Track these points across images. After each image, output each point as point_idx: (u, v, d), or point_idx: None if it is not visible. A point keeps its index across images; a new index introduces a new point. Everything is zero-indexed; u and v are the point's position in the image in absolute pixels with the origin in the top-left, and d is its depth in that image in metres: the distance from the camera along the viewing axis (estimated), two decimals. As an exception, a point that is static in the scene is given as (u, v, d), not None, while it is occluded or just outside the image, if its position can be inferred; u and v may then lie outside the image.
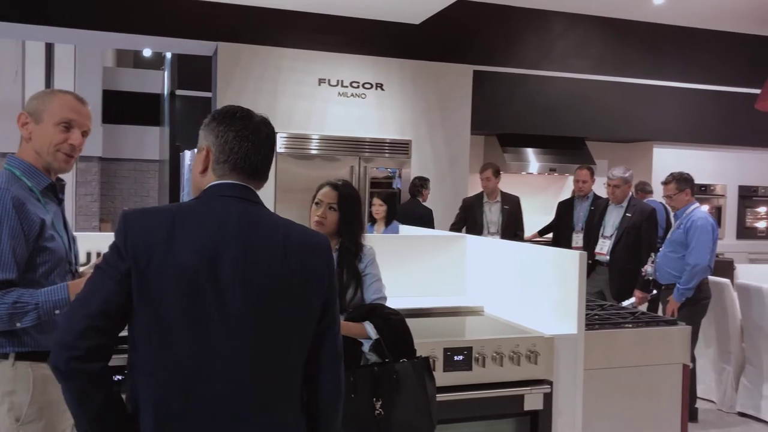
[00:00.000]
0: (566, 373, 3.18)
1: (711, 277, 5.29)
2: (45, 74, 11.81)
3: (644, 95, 8.89)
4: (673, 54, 8.54)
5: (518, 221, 6.83)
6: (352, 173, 7.41)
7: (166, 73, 12.48)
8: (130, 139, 13.54)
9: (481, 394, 2.99)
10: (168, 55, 11.79)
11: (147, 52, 13.24)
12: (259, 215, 1.69)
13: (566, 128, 8.73)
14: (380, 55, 7.53)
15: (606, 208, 5.86)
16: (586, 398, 3.24)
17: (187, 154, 10.01)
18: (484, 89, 8.07)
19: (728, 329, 5.50)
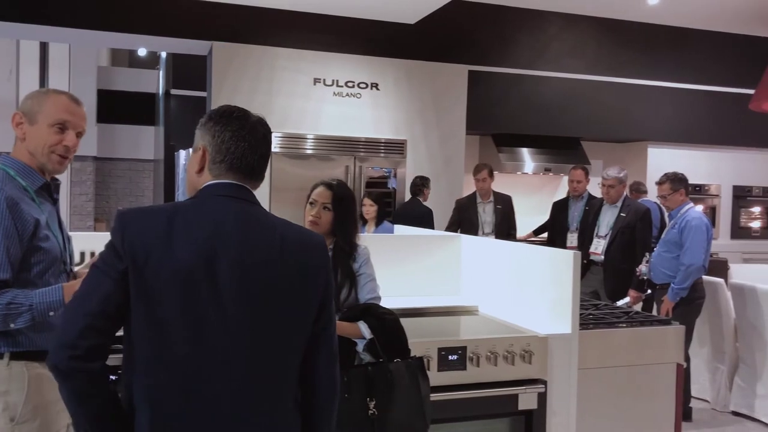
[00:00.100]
0: (560, 373, 3.18)
1: (705, 277, 5.31)
2: (39, 73, 11.77)
3: (639, 95, 8.91)
4: (668, 54, 8.56)
5: (511, 220, 6.84)
6: (347, 173, 7.41)
7: (161, 72, 12.45)
8: (125, 139, 13.51)
9: (475, 394, 2.99)
10: (163, 54, 11.76)
11: (142, 52, 13.22)
12: (256, 215, 1.69)
13: (561, 128, 8.74)
14: (375, 55, 7.53)
15: (600, 208, 5.87)
16: (580, 398, 3.24)
17: (182, 153, 9.99)
18: (479, 89, 8.08)
19: (722, 329, 5.52)
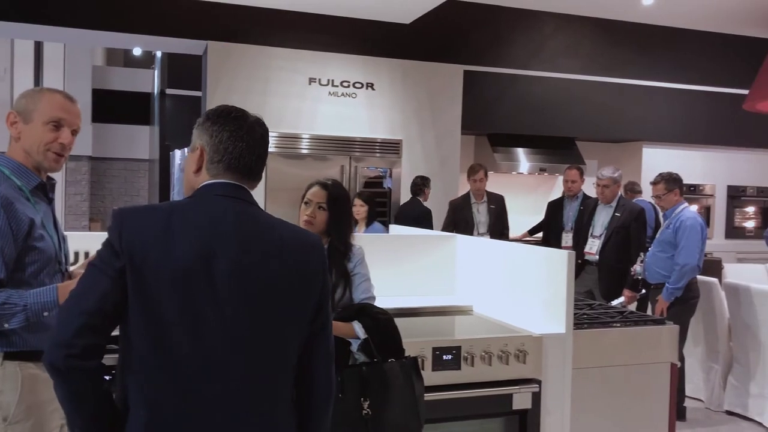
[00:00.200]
0: (555, 373, 3.19)
1: (699, 277, 5.32)
2: (34, 73, 11.76)
3: (634, 95, 8.93)
4: (663, 54, 8.58)
5: (504, 220, 6.85)
6: (342, 173, 7.41)
7: (156, 72, 12.43)
8: (120, 139, 13.50)
9: (469, 394, 2.99)
10: (158, 54, 11.75)
11: (137, 51, 13.20)
12: (254, 215, 1.69)
13: (556, 128, 8.75)
14: (371, 55, 7.53)
15: (595, 207, 5.88)
16: (574, 397, 3.25)
17: (177, 153, 9.98)
18: (475, 89, 8.08)
19: (716, 328, 5.54)
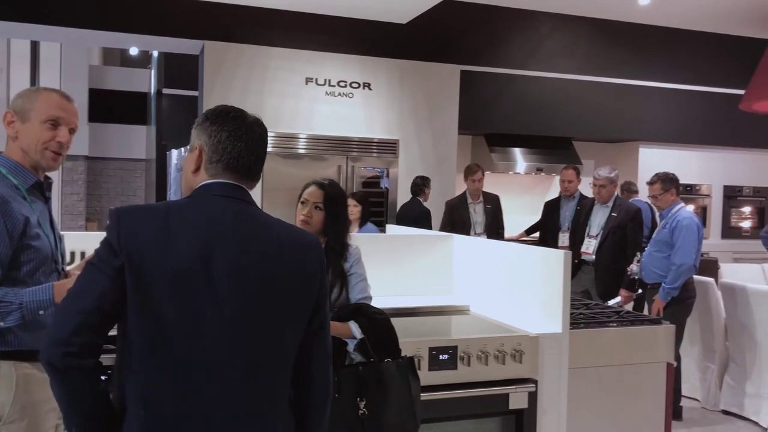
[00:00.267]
0: (551, 372, 3.19)
1: (696, 277, 5.33)
2: (30, 73, 11.73)
3: (630, 95, 8.94)
4: (659, 54, 8.59)
5: (499, 219, 6.86)
6: (339, 173, 7.41)
7: (152, 71, 12.42)
8: (116, 138, 13.48)
9: (466, 393, 2.99)
10: (155, 53, 11.73)
11: (133, 51, 13.18)
12: (253, 215, 1.69)
13: (553, 128, 8.77)
14: (367, 55, 7.53)
15: (592, 207, 5.89)
16: (570, 397, 3.25)
17: (173, 153, 9.97)
18: (472, 89, 8.09)
19: (712, 328, 5.55)
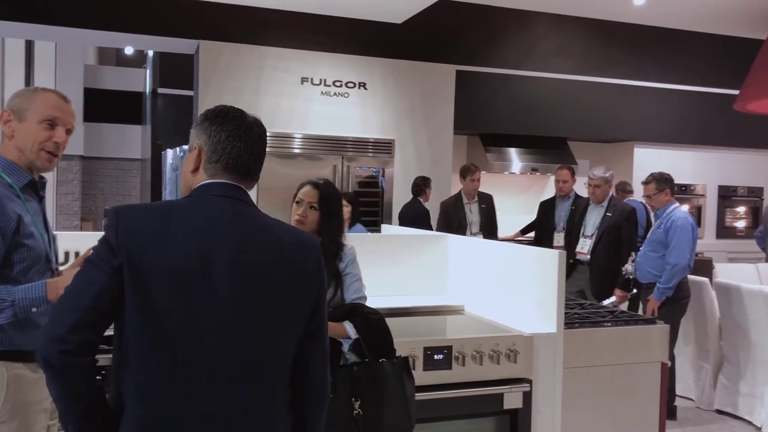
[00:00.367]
0: (545, 372, 3.20)
1: (690, 276, 5.34)
2: (25, 72, 11.70)
3: (625, 96, 8.96)
4: (654, 55, 8.61)
5: (493, 219, 6.87)
6: (335, 172, 7.40)
7: (148, 71, 12.41)
8: (111, 138, 13.47)
9: (460, 393, 2.99)
10: (150, 53, 11.72)
11: (129, 50, 13.16)
12: (252, 215, 1.69)
13: (548, 128, 8.78)
14: (363, 55, 7.52)
15: (587, 207, 5.89)
16: (565, 397, 3.26)
17: (169, 152, 9.95)
18: (467, 89, 8.09)
19: (707, 328, 5.56)
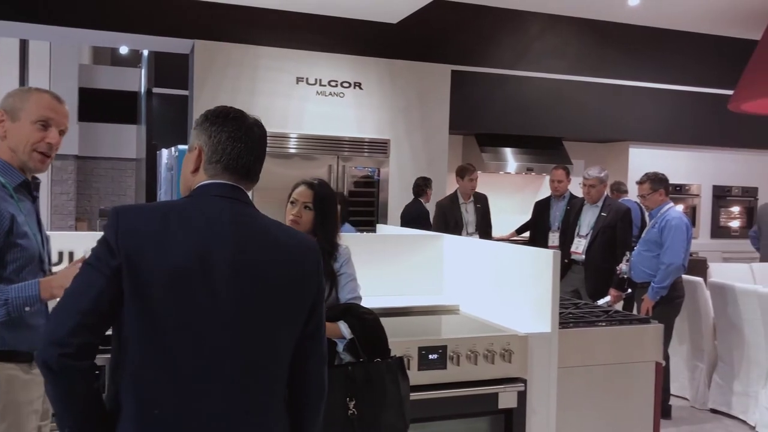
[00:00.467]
0: (540, 372, 3.20)
1: (685, 276, 5.35)
2: (19, 72, 11.65)
3: (620, 96, 8.98)
4: (649, 55, 8.63)
5: (488, 219, 6.88)
6: (330, 172, 7.40)
7: (143, 70, 12.38)
8: (106, 138, 13.43)
9: (455, 393, 3.00)
10: (145, 52, 11.69)
11: (124, 50, 13.13)
12: (251, 216, 1.69)
13: (543, 128, 8.79)
14: (358, 54, 7.53)
15: (581, 207, 5.90)
16: (560, 396, 3.26)
17: (164, 152, 9.92)
18: (463, 89, 8.10)
19: (701, 327, 5.57)
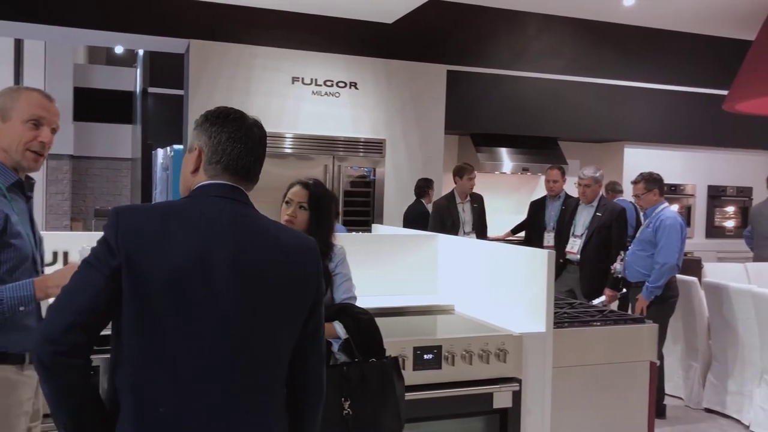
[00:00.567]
0: (535, 371, 3.21)
1: (679, 276, 5.37)
2: (14, 71, 11.62)
3: (615, 96, 9.00)
4: (644, 55, 8.65)
5: (484, 218, 6.89)
6: (326, 172, 7.40)
7: (138, 70, 12.36)
8: (102, 137, 13.41)
9: (450, 393, 3.00)
10: (140, 52, 11.68)
11: (119, 50, 13.11)
12: (250, 216, 1.69)
13: (539, 128, 8.80)
14: (354, 54, 7.52)
15: (576, 207, 5.91)
16: (554, 396, 3.27)
17: (159, 152, 9.91)
18: (458, 89, 8.11)
19: (696, 327, 5.59)
